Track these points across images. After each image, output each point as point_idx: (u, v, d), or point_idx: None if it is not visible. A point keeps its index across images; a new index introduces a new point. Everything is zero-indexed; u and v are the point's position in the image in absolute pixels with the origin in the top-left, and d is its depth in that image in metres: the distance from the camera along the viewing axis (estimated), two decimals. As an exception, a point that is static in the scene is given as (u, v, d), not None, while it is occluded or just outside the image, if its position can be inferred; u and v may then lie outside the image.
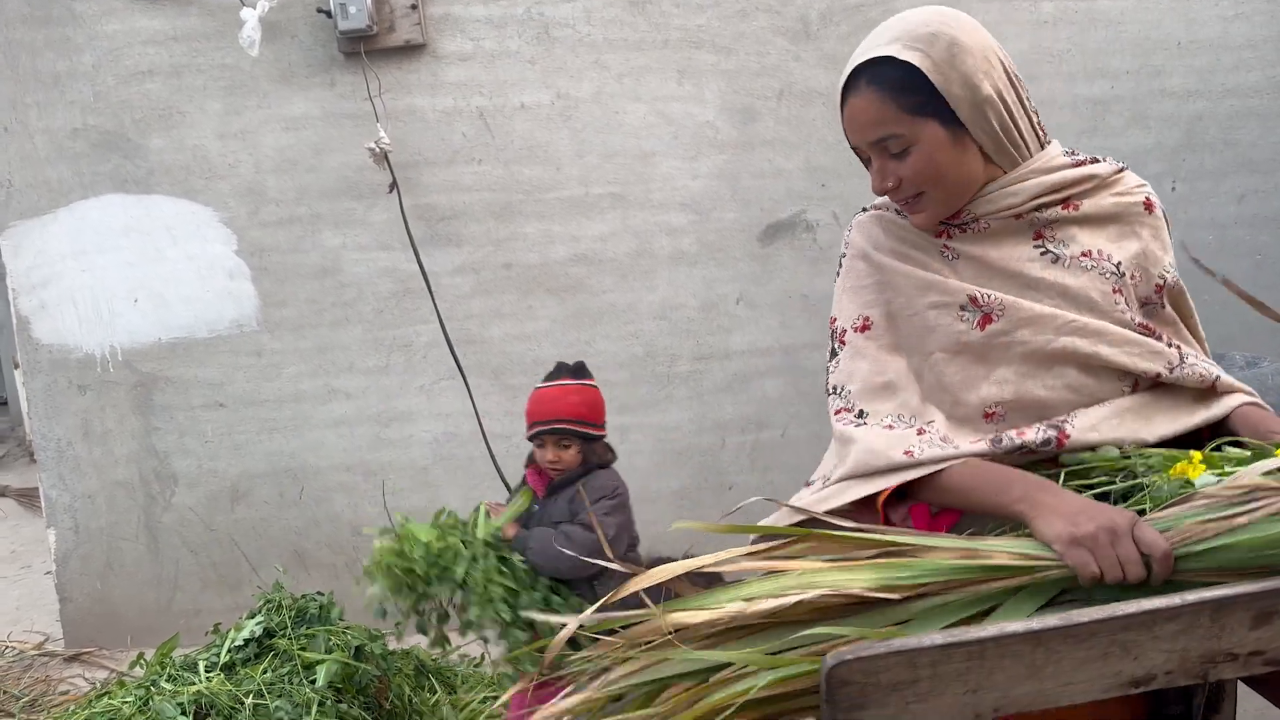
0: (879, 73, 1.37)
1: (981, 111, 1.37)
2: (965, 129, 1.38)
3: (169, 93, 3.39)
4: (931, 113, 1.36)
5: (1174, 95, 3.61)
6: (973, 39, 1.36)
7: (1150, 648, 0.98)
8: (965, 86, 1.35)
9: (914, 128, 1.37)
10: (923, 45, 1.35)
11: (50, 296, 3.46)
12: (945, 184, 1.40)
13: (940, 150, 1.38)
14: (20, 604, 4.15)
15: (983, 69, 1.36)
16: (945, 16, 1.38)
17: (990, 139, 1.39)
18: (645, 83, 3.46)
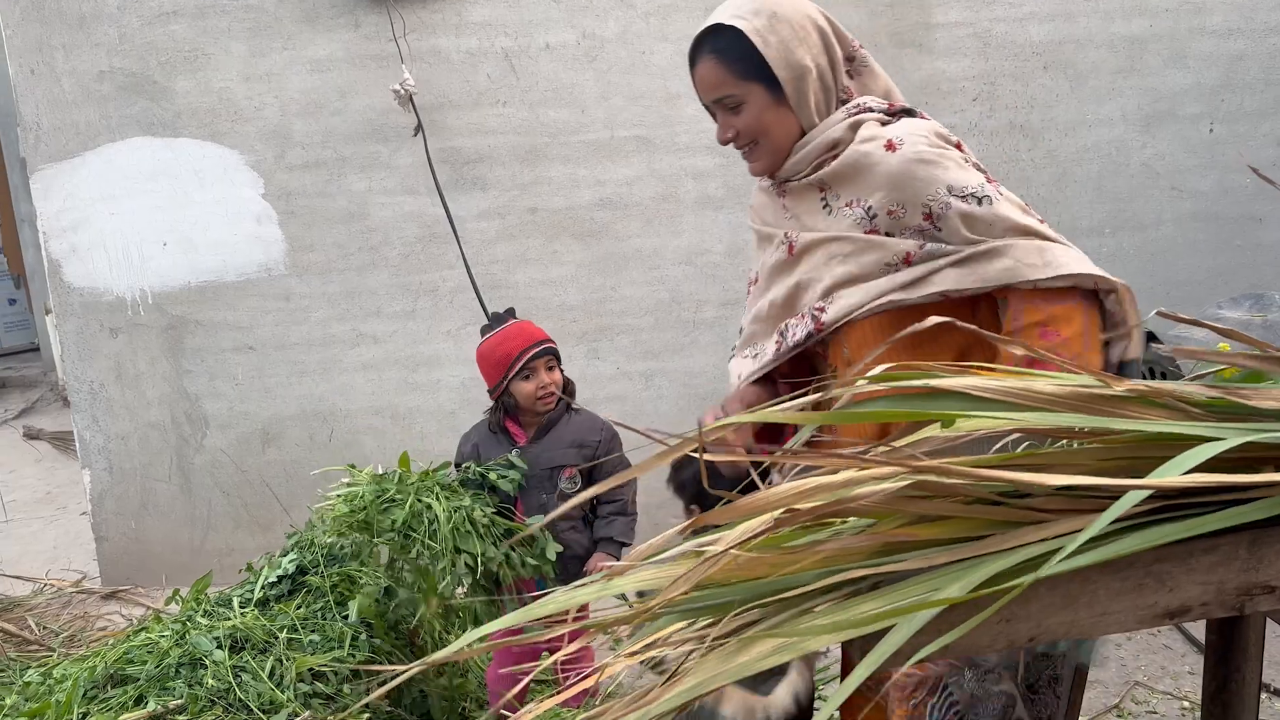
0: (715, 41, 1.57)
1: (793, 76, 1.55)
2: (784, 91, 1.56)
3: (194, 34, 3.37)
4: (757, 76, 1.55)
5: (1214, 33, 3.52)
6: (792, 11, 1.56)
7: (1185, 579, 0.97)
8: (780, 52, 1.54)
9: (743, 88, 1.57)
10: (748, 16, 1.55)
11: (81, 240, 3.48)
12: (771, 138, 1.60)
13: (765, 109, 1.57)
14: (57, 544, 4.24)
15: (798, 37, 1.55)
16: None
17: (799, 100, 1.57)
18: (673, 21, 3.41)
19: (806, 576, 0.96)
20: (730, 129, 1.62)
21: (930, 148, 1.54)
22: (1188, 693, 2.64)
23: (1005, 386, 0.96)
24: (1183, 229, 3.68)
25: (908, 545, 0.94)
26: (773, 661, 0.89)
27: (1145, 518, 0.92)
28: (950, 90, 3.53)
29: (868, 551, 0.95)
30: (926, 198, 1.52)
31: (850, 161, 1.56)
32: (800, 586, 0.95)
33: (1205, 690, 1.30)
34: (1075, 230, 3.65)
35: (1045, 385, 0.97)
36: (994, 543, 0.91)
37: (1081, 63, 3.53)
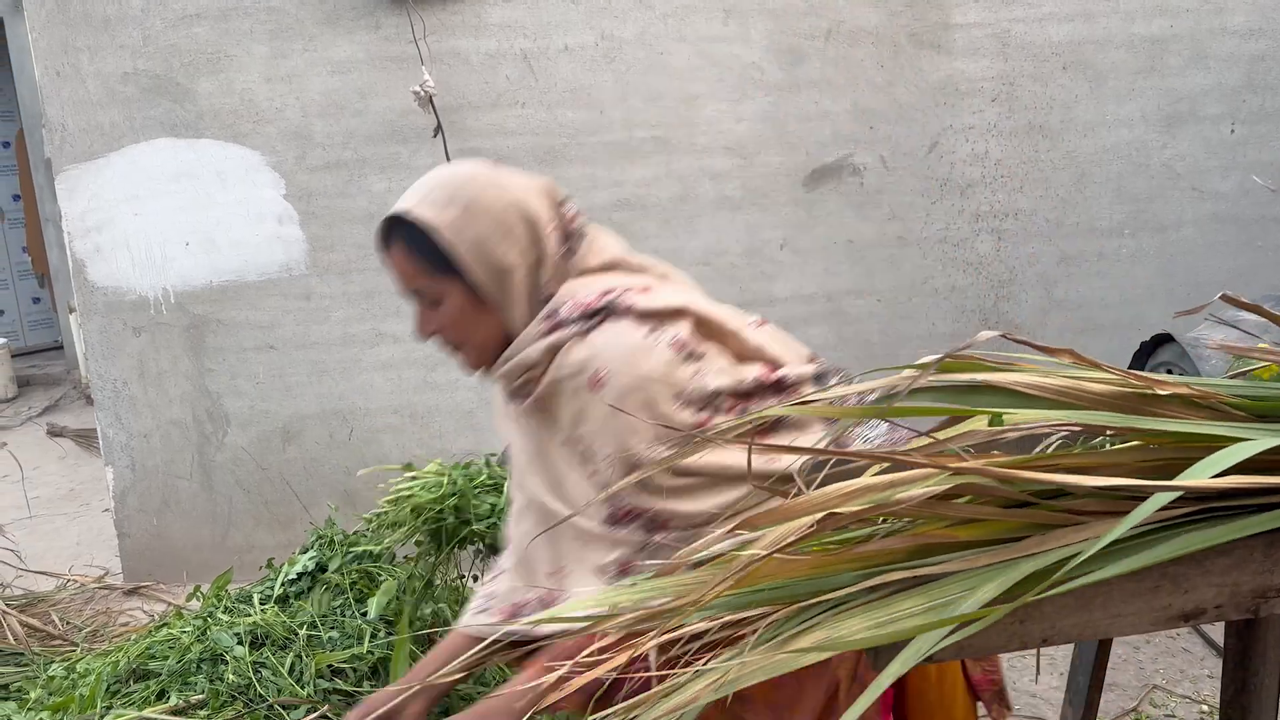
0: (405, 228, 1.38)
1: (492, 277, 1.37)
2: (481, 292, 1.38)
3: (216, 36, 3.41)
4: (452, 273, 1.36)
5: (1236, 34, 3.50)
6: (495, 200, 1.36)
7: (1201, 581, 0.97)
8: (478, 251, 1.35)
9: (438, 285, 1.38)
10: (440, 206, 1.35)
11: (105, 240, 3.52)
12: (473, 342, 1.43)
13: (463, 310, 1.39)
14: (80, 540, 4.29)
15: (500, 232, 1.36)
16: (467, 179, 1.38)
17: (502, 302, 1.39)
18: (690, 23, 3.42)
19: (846, 578, 0.96)
20: (429, 325, 1.44)
21: (635, 376, 1.33)
22: (1206, 696, 2.62)
23: (1055, 384, 0.96)
24: (1203, 230, 3.66)
25: (945, 546, 0.95)
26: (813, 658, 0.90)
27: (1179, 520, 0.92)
28: (969, 91, 3.52)
29: (905, 552, 0.96)
30: (635, 440, 1.34)
31: (553, 394, 1.38)
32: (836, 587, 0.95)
33: (1224, 694, 1.30)
34: (1095, 231, 3.64)
35: (1094, 384, 0.97)
36: (1032, 544, 0.91)
37: (1101, 63, 3.52)
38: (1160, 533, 0.91)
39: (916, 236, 3.60)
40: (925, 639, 0.86)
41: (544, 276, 1.41)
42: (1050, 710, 2.59)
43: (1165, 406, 0.96)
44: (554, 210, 1.43)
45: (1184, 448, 0.94)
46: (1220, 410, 0.98)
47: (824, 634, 0.90)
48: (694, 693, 0.91)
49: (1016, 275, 3.65)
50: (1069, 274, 3.66)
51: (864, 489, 0.93)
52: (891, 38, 3.46)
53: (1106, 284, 3.67)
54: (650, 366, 1.33)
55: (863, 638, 0.89)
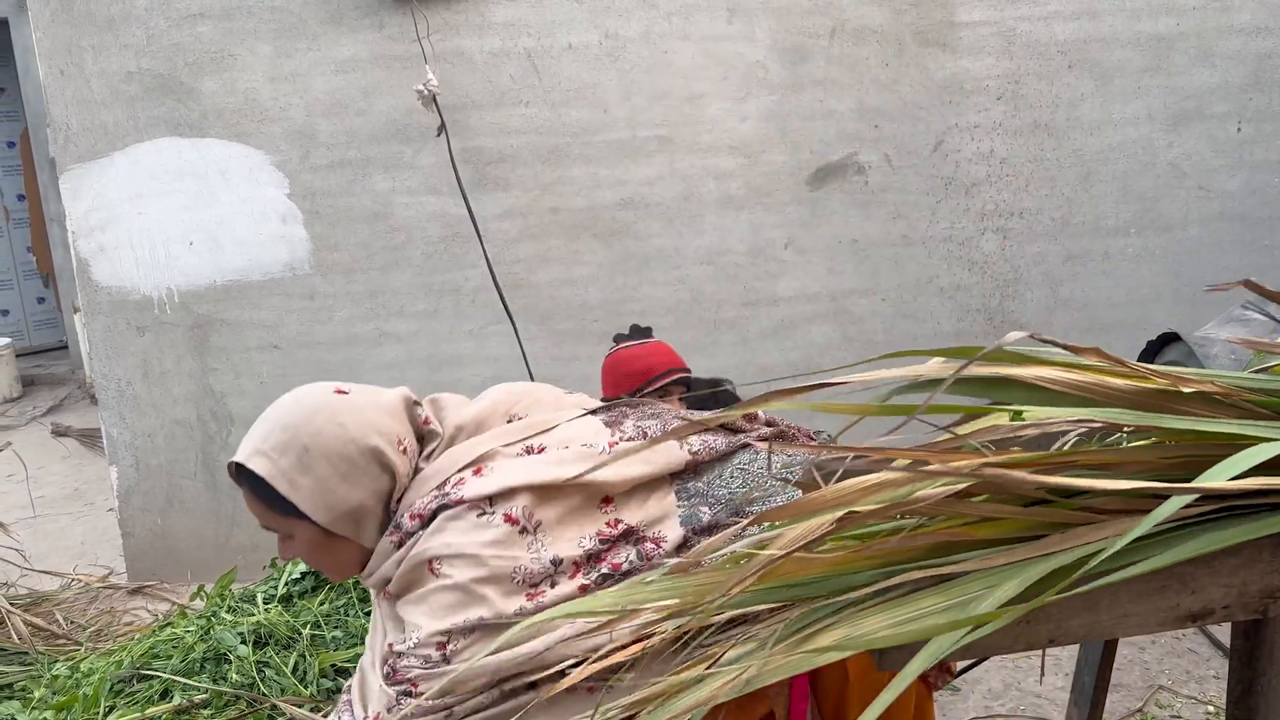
0: (246, 473, 1.38)
1: (338, 517, 1.37)
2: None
3: (220, 35, 3.41)
4: (297, 513, 1.37)
5: (1242, 31, 3.49)
6: (332, 441, 1.36)
7: (1209, 582, 0.97)
8: (317, 496, 1.35)
9: (287, 524, 1.39)
10: (274, 455, 1.36)
11: (109, 239, 3.53)
12: (332, 567, 1.45)
13: (314, 544, 1.41)
14: (85, 539, 4.29)
15: (340, 473, 1.36)
16: (305, 418, 1.38)
17: (353, 533, 1.40)
18: (694, 21, 3.41)
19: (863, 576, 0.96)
20: (289, 552, 1.45)
21: (466, 569, 1.32)
22: (1212, 697, 2.61)
23: (1079, 379, 0.95)
24: (1210, 229, 3.65)
25: (963, 545, 0.94)
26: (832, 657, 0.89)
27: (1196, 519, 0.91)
28: (974, 89, 3.51)
29: (922, 550, 0.95)
30: (452, 632, 1.32)
31: (400, 591, 1.39)
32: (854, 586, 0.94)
33: (1230, 695, 1.29)
34: (1100, 230, 3.62)
35: (1117, 380, 0.96)
36: (1051, 543, 0.90)
37: (1107, 61, 3.50)
38: (1177, 531, 0.91)
39: (921, 235, 3.59)
40: (945, 638, 0.86)
41: (397, 493, 1.42)
42: (1055, 711, 2.58)
43: (1187, 404, 0.96)
44: (412, 421, 1.45)
45: (1204, 445, 0.93)
46: (1242, 408, 0.97)
47: (843, 632, 0.90)
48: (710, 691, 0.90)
49: (1022, 274, 3.64)
50: (1074, 273, 3.65)
51: (881, 485, 0.92)
52: (896, 36, 3.45)
53: (1112, 283, 3.66)
54: (483, 554, 1.32)
55: (883, 636, 0.88)
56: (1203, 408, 0.96)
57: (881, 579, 0.92)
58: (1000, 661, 2.79)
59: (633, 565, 1.36)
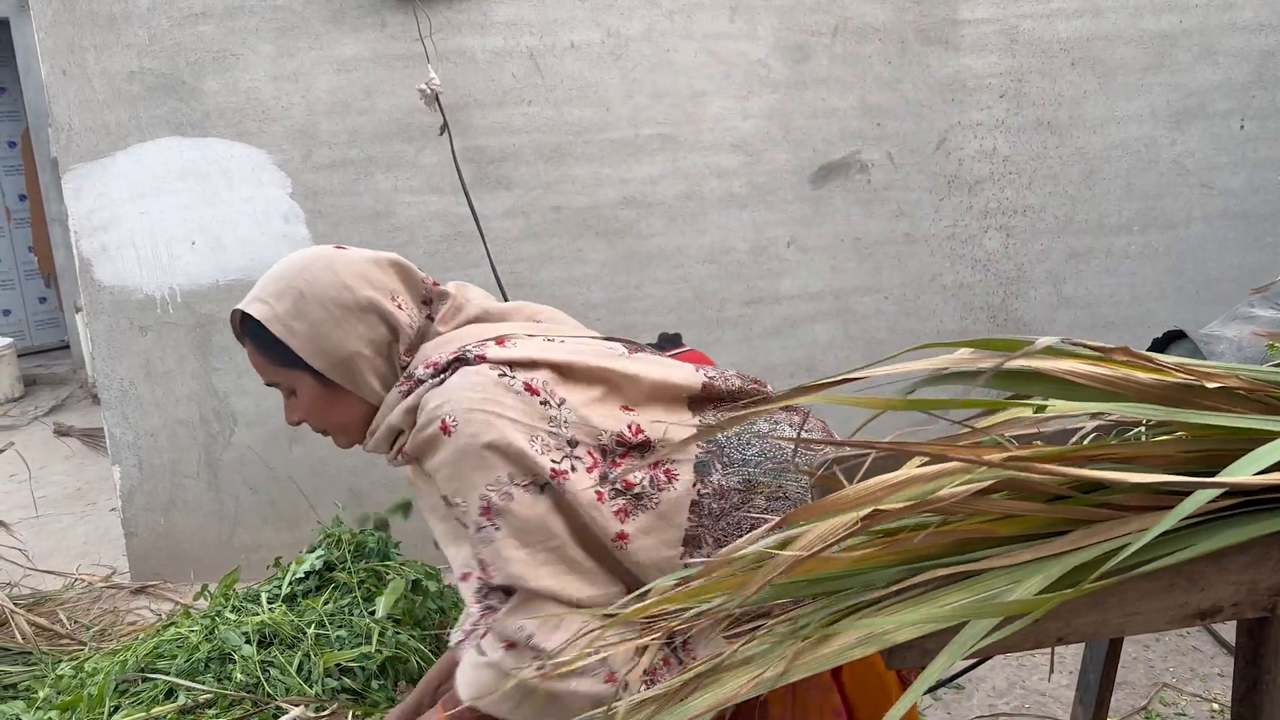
0: (247, 324, 1.41)
1: (334, 363, 1.38)
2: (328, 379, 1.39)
3: (222, 35, 3.40)
4: (299, 363, 1.38)
5: (1245, 29, 3.48)
6: (328, 288, 1.37)
7: (1218, 579, 0.97)
8: (313, 342, 1.36)
9: (288, 376, 1.41)
10: (270, 300, 1.37)
11: (111, 239, 3.52)
12: (336, 424, 1.45)
13: (316, 398, 1.41)
14: (88, 539, 4.29)
15: (336, 318, 1.36)
16: (301, 266, 1.40)
17: (353, 384, 1.40)
18: (696, 19, 3.41)
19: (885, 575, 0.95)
20: (294, 413, 1.47)
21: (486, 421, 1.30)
22: (1217, 695, 2.61)
23: (1105, 373, 0.95)
24: (1213, 227, 3.64)
25: (986, 541, 0.94)
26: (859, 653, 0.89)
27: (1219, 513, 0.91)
28: (977, 87, 3.51)
29: (945, 548, 0.95)
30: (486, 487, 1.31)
31: (417, 451, 1.37)
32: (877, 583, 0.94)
33: (1235, 692, 1.29)
34: (1104, 228, 3.62)
35: (1142, 374, 0.96)
36: (1075, 539, 0.90)
37: (1110, 59, 3.50)
38: (1196, 527, 0.90)
39: (924, 233, 3.59)
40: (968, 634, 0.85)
41: (401, 348, 1.42)
42: (1060, 709, 2.58)
43: (1210, 399, 0.95)
44: (406, 280, 1.45)
45: (1225, 440, 0.93)
46: (1265, 403, 0.96)
47: (866, 630, 0.89)
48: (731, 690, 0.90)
49: (1025, 272, 3.63)
50: (1078, 271, 3.65)
51: (906, 482, 0.92)
52: (899, 34, 3.45)
53: (1116, 281, 3.66)
54: (502, 408, 1.31)
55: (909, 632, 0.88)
56: (1225, 402, 0.95)
57: (904, 576, 0.92)
58: (1005, 660, 2.79)
59: (643, 490, 1.35)
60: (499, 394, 1.32)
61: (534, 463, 1.30)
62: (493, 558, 1.30)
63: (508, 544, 1.30)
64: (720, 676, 0.93)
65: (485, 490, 1.29)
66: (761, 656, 0.93)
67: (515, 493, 1.30)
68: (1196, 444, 0.94)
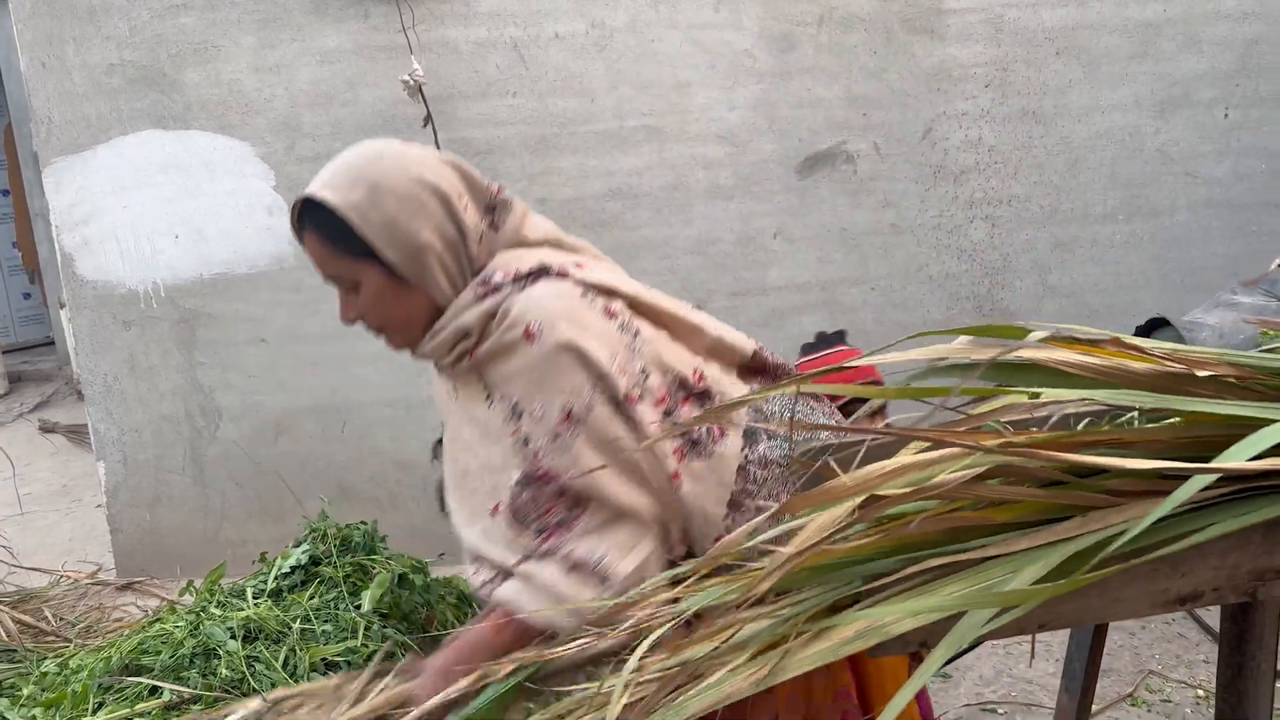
0: (316, 214, 1.35)
1: (407, 255, 1.35)
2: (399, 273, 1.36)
3: (203, 26, 3.38)
4: (367, 255, 1.34)
5: (1229, 17, 3.49)
6: (401, 179, 1.34)
7: (1199, 564, 0.97)
8: (386, 231, 1.33)
9: (355, 269, 1.36)
10: (344, 188, 1.33)
11: (93, 233, 3.50)
12: (395, 324, 1.41)
13: (382, 293, 1.37)
14: (73, 536, 4.27)
15: (410, 210, 1.33)
16: (373, 158, 1.37)
17: (422, 279, 1.37)
18: (681, 9, 3.39)
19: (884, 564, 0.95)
20: (351, 311, 1.41)
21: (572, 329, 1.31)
22: (1202, 681, 2.63)
23: (1097, 362, 0.95)
24: (1198, 215, 3.65)
25: (982, 529, 0.94)
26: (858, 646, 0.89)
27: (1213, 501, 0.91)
28: (962, 77, 3.50)
29: (942, 535, 0.95)
30: (567, 394, 1.30)
31: (492, 353, 1.35)
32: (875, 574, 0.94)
33: (1219, 678, 1.30)
34: (1089, 217, 3.63)
35: (1134, 363, 0.95)
36: (1071, 527, 0.90)
37: (1095, 48, 3.50)
38: (1188, 513, 0.90)
39: (910, 224, 3.59)
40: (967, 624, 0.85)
41: (470, 249, 1.40)
42: (1046, 696, 2.59)
43: (1200, 386, 0.95)
44: (469, 184, 1.41)
45: (1218, 426, 0.93)
46: (1255, 390, 0.96)
47: (865, 623, 0.89)
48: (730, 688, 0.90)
49: (1011, 262, 3.64)
50: (1063, 260, 3.65)
51: (903, 469, 0.92)
52: (884, 24, 3.44)
53: (1101, 270, 3.67)
54: (586, 322, 1.32)
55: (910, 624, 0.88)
56: (1215, 390, 0.95)
57: (901, 565, 0.92)
58: (991, 648, 2.80)
59: (700, 437, 1.36)
60: (583, 309, 1.33)
61: (614, 381, 1.31)
62: (570, 465, 1.30)
63: (586, 452, 1.30)
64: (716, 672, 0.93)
65: (567, 397, 1.29)
66: (756, 644, 0.93)
67: (595, 404, 1.30)
68: (1190, 430, 0.94)
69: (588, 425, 1.30)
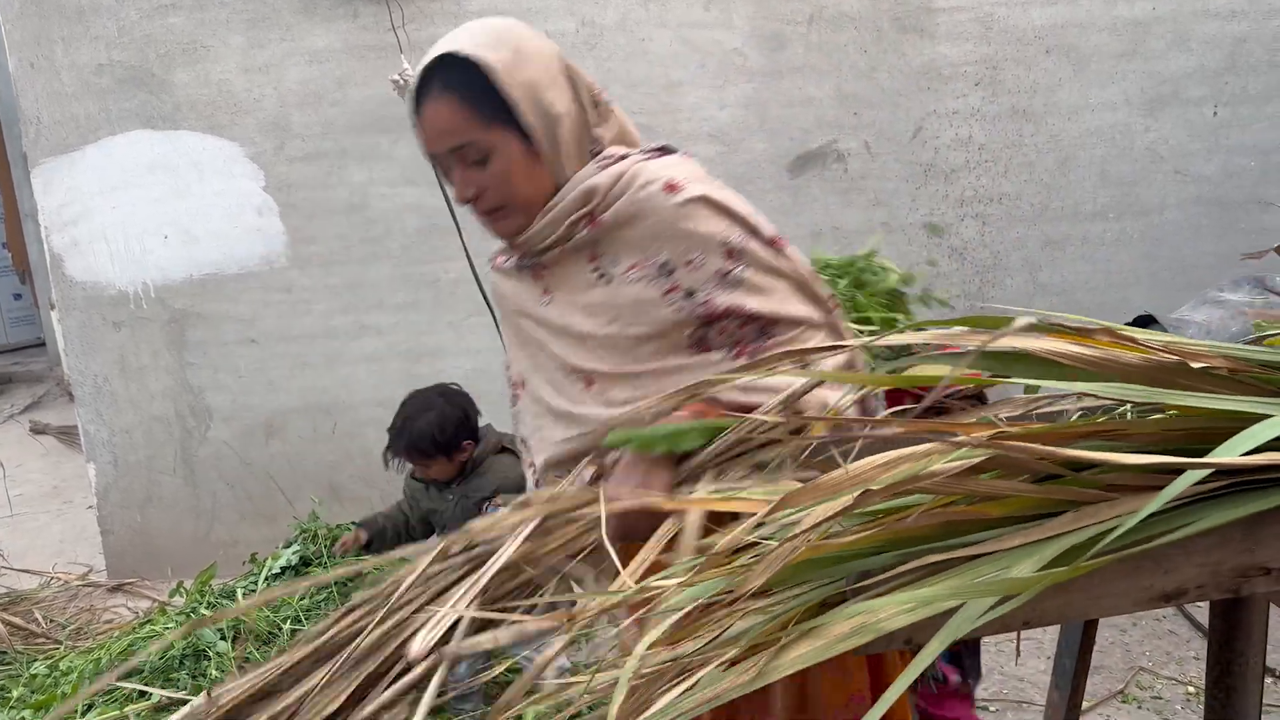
0: (452, 76, 1.30)
1: (545, 124, 1.33)
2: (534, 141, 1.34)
3: (192, 26, 3.37)
4: (506, 122, 1.32)
5: (1217, 16, 3.50)
6: (538, 49, 1.34)
7: (1183, 561, 0.97)
8: (529, 94, 1.31)
9: (490, 136, 1.32)
10: (490, 48, 1.30)
11: (82, 234, 3.49)
12: (521, 197, 1.37)
13: (515, 164, 1.34)
14: (63, 538, 4.25)
15: (547, 79, 1.32)
16: (510, 26, 1.36)
17: (553, 151, 1.36)
18: (671, 8, 3.39)
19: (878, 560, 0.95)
20: (472, 186, 1.36)
21: (708, 187, 1.36)
22: (1192, 678, 2.63)
23: (1092, 354, 0.95)
24: (1187, 213, 3.66)
25: (976, 524, 0.94)
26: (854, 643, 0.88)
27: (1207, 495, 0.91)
28: (952, 75, 3.51)
29: (935, 530, 0.94)
30: (723, 233, 1.34)
31: (628, 213, 1.33)
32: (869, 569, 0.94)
33: (1209, 675, 1.31)
34: (1079, 215, 3.64)
35: (1128, 354, 0.95)
36: (1064, 522, 0.90)
37: (1084, 46, 3.51)
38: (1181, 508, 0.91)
39: (901, 222, 3.59)
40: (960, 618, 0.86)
41: (591, 130, 1.41)
42: (1037, 693, 2.60)
43: (1195, 379, 0.95)
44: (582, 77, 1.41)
45: (1212, 420, 0.93)
46: (1249, 384, 0.96)
47: (859, 619, 0.89)
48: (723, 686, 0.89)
49: (1001, 260, 3.64)
50: (1053, 258, 3.66)
51: (896, 461, 0.91)
52: (874, 22, 3.44)
53: (1091, 268, 3.68)
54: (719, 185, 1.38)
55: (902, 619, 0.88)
56: (1209, 383, 0.95)
57: (895, 562, 0.92)
58: (982, 646, 2.80)
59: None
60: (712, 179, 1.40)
61: (758, 224, 1.38)
62: (747, 295, 1.34)
63: (758, 279, 1.35)
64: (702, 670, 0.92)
65: (722, 237, 1.33)
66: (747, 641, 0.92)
67: (749, 241, 1.35)
68: (1182, 423, 0.94)
69: (750, 256, 1.35)
